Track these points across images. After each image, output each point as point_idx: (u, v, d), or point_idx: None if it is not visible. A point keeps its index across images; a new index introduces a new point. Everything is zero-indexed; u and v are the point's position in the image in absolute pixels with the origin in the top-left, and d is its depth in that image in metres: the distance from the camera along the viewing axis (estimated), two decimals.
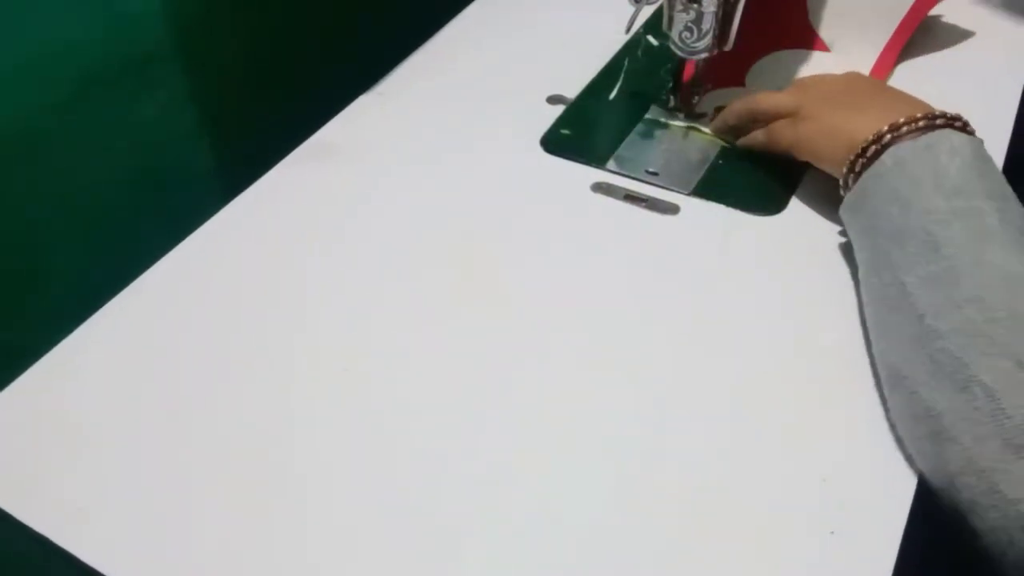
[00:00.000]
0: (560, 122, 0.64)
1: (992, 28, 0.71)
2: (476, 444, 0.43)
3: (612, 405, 0.44)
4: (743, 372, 0.45)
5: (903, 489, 0.40)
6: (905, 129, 0.46)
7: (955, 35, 0.70)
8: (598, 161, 0.60)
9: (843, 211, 0.49)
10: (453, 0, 0.77)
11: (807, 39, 0.64)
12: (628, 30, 0.58)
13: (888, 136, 0.46)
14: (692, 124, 0.63)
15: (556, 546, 0.38)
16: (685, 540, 0.39)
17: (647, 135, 0.62)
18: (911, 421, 0.40)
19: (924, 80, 0.65)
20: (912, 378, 0.40)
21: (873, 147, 0.46)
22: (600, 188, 0.58)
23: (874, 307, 0.45)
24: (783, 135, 0.54)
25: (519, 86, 0.67)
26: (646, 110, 0.64)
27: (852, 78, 0.55)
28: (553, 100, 0.66)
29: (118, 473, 0.42)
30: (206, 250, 0.54)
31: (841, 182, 0.49)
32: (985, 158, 0.44)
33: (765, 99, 0.56)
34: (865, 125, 0.47)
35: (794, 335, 0.47)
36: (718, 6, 0.55)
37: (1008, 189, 0.43)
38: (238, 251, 0.54)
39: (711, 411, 0.44)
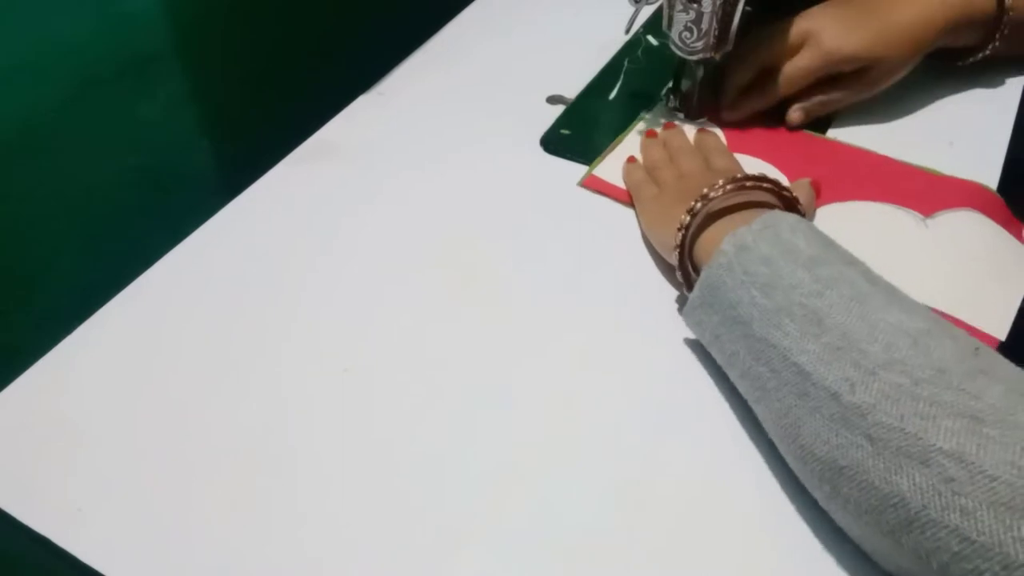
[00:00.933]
0: (560, 122, 0.64)
1: None
2: (476, 444, 0.43)
3: (612, 405, 0.44)
4: None
5: None
6: (699, 206, 0.45)
7: None
8: None
9: (690, 312, 0.45)
10: (453, 0, 0.77)
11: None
12: (628, 30, 0.58)
13: (689, 219, 0.45)
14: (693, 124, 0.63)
15: (556, 546, 0.38)
16: (685, 540, 0.38)
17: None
18: (869, 517, 0.34)
19: (924, 81, 0.65)
20: (854, 466, 0.34)
21: (679, 234, 0.46)
22: None
23: (771, 400, 0.39)
24: (640, 202, 0.55)
25: (519, 86, 0.67)
26: (646, 110, 0.64)
27: (694, 165, 0.55)
28: (553, 100, 0.66)
29: (117, 473, 0.42)
30: (206, 250, 0.54)
31: (680, 280, 0.47)
32: (821, 232, 0.42)
33: (652, 153, 0.58)
34: (679, 214, 0.46)
35: None
36: (718, 6, 0.55)
37: (853, 255, 0.41)
38: (238, 251, 0.54)
39: (711, 411, 0.44)
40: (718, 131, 0.62)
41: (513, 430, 0.43)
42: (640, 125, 0.63)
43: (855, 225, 0.52)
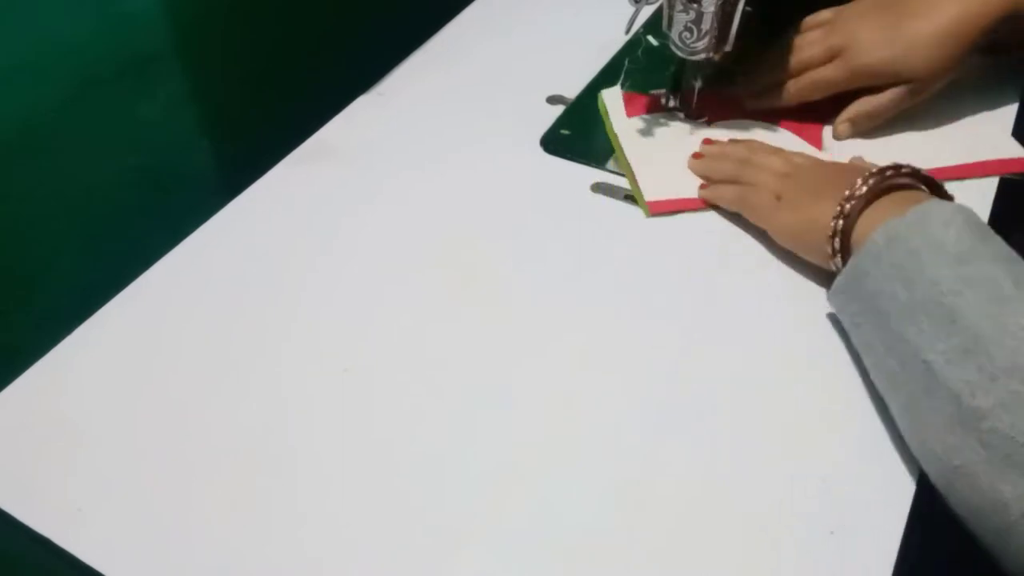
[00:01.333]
0: (560, 122, 0.64)
1: None
2: (476, 444, 0.43)
3: (612, 405, 0.44)
4: (743, 372, 0.45)
5: (903, 489, 0.40)
6: (859, 193, 0.45)
7: None
8: (598, 161, 0.60)
9: (833, 296, 0.46)
10: (453, 0, 0.77)
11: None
12: (628, 30, 0.58)
13: (847, 206, 0.45)
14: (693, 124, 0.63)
15: (556, 546, 0.38)
16: (685, 540, 0.38)
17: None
18: (977, 516, 0.36)
19: None
20: (966, 467, 0.36)
21: (838, 222, 0.45)
22: (600, 188, 0.58)
23: (899, 393, 0.41)
24: (761, 214, 0.53)
25: (519, 86, 0.67)
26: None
27: (822, 168, 0.53)
28: (553, 100, 0.66)
29: (117, 473, 0.42)
30: (206, 250, 0.54)
31: (833, 269, 0.47)
32: (979, 222, 0.42)
33: (754, 174, 0.54)
34: (827, 208, 0.46)
35: (794, 335, 0.47)
36: (718, 6, 0.55)
37: (1011, 251, 0.40)
38: (238, 251, 0.54)
39: (711, 411, 0.44)
40: (717, 131, 0.62)
41: (513, 430, 0.43)
42: (623, 134, 0.62)
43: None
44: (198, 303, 0.51)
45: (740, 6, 0.55)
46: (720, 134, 0.61)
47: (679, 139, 0.62)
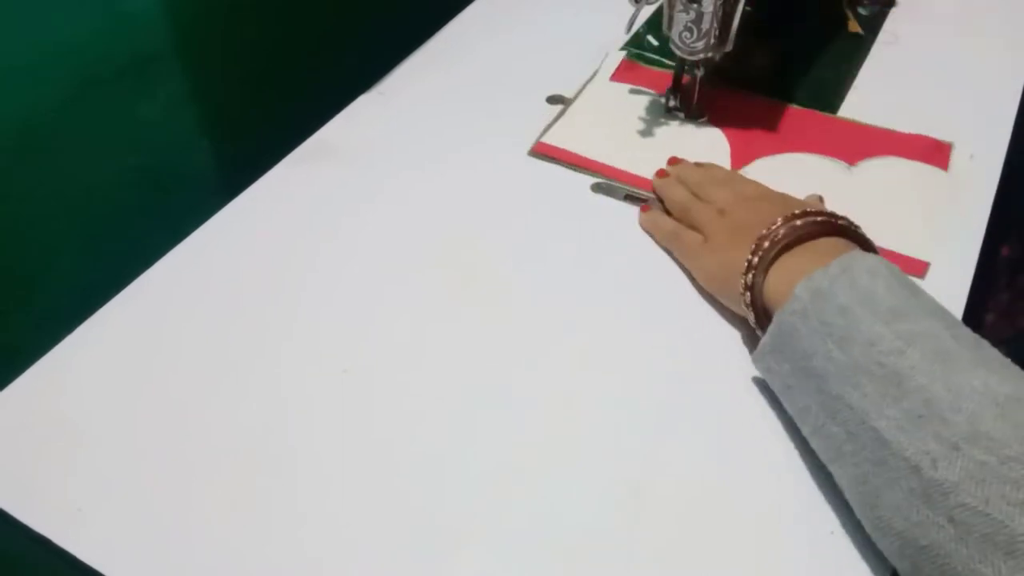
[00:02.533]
0: None
1: (992, 29, 0.71)
2: (476, 444, 0.43)
3: (612, 405, 0.44)
4: (743, 371, 0.45)
5: None
6: (767, 244, 0.43)
7: (955, 35, 0.70)
8: None
9: (758, 359, 0.43)
10: (453, 0, 0.77)
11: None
12: (628, 30, 0.58)
13: (755, 258, 0.43)
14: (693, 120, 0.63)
15: (556, 546, 0.38)
16: (685, 540, 0.38)
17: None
18: None
19: (924, 82, 0.65)
20: (935, 548, 0.32)
21: (748, 275, 0.43)
22: (600, 188, 0.58)
23: (846, 464, 0.37)
24: (689, 255, 0.51)
25: (519, 86, 0.67)
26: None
27: (766, 201, 0.49)
28: (553, 100, 0.66)
29: (117, 473, 0.42)
30: (206, 250, 0.54)
31: (753, 324, 0.44)
32: (901, 274, 0.39)
33: (695, 209, 0.51)
34: (742, 255, 0.44)
35: None
36: (718, 6, 0.55)
37: (939, 304, 0.39)
38: (238, 251, 0.54)
39: (711, 411, 0.44)
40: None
41: (513, 430, 0.43)
42: (592, 87, 0.63)
43: (786, 177, 0.54)
44: (198, 303, 0.51)
45: (740, 6, 0.55)
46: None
47: (633, 111, 0.63)
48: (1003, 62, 0.66)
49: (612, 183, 0.58)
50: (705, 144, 0.61)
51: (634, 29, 0.59)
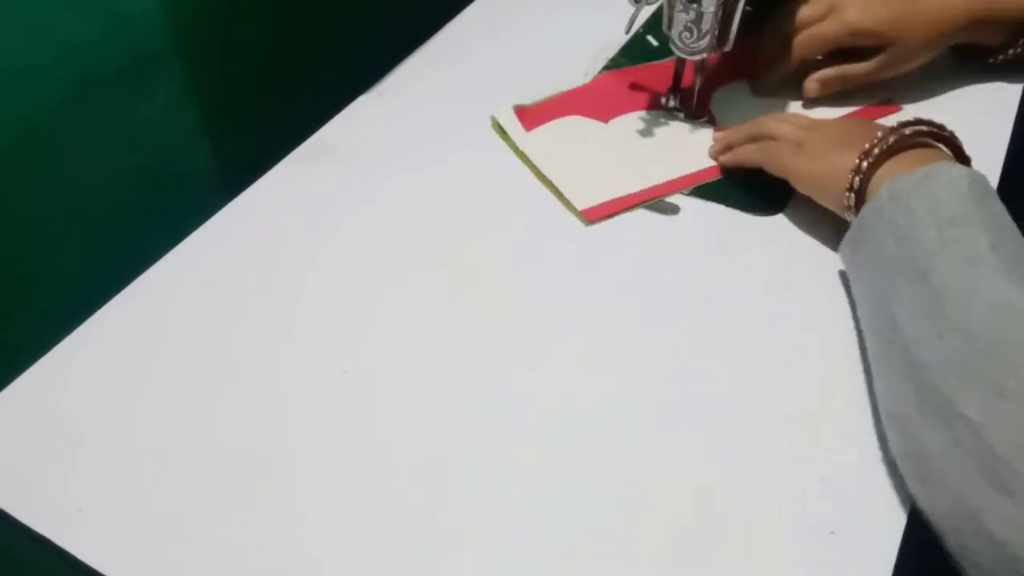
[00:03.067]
0: None
1: None
2: (476, 444, 0.43)
3: (612, 405, 0.44)
4: (743, 372, 0.45)
5: (903, 489, 0.40)
6: (877, 151, 0.46)
7: None
8: None
9: (843, 247, 0.48)
10: (453, 0, 0.77)
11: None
12: (628, 30, 0.58)
13: (863, 163, 0.46)
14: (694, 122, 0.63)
15: (556, 546, 0.38)
16: (685, 540, 0.38)
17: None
18: (906, 462, 0.38)
19: (924, 82, 0.65)
20: (903, 416, 0.38)
21: (855, 177, 0.46)
22: None
23: (870, 342, 0.43)
24: (783, 160, 0.53)
25: (519, 86, 0.67)
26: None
27: (848, 122, 0.56)
28: None
29: (117, 473, 0.42)
30: (206, 250, 0.54)
31: (846, 217, 0.49)
32: (984, 188, 0.42)
33: (775, 125, 0.56)
34: (849, 160, 0.47)
35: (794, 335, 0.47)
36: (718, 6, 0.55)
37: (1008, 220, 0.41)
38: (238, 251, 0.54)
39: (711, 411, 0.44)
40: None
41: (513, 430, 0.43)
42: (531, 142, 0.61)
43: None
44: (198, 303, 0.51)
45: (740, 6, 0.55)
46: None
47: (588, 139, 0.62)
48: (999, 68, 0.66)
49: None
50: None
51: (634, 29, 0.59)
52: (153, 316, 0.50)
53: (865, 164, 0.46)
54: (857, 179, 0.46)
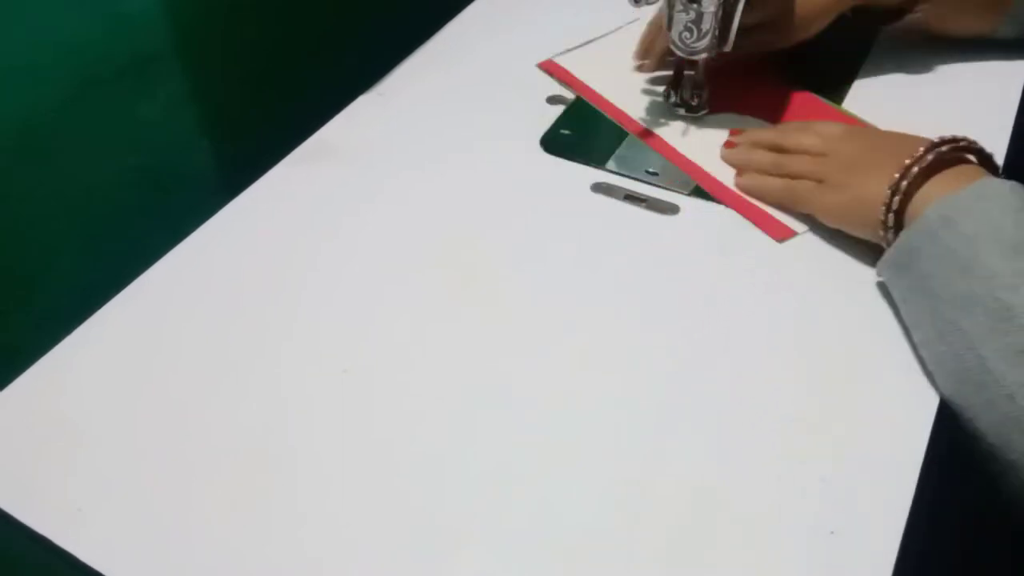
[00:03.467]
0: (560, 122, 0.64)
1: None
2: (476, 444, 0.43)
3: (611, 406, 0.44)
4: (742, 372, 0.45)
5: (903, 489, 0.40)
6: (916, 169, 0.45)
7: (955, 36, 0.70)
8: (598, 161, 0.60)
9: (884, 267, 0.47)
10: (453, 0, 0.77)
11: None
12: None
13: (903, 182, 0.45)
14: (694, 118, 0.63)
15: (556, 546, 0.38)
16: (685, 540, 0.38)
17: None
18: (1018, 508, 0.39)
19: (924, 82, 0.65)
20: (1020, 463, 0.38)
21: (894, 197, 0.45)
22: (600, 188, 0.58)
23: (951, 379, 0.42)
24: (807, 202, 0.53)
25: (519, 86, 0.67)
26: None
27: (860, 142, 0.54)
28: (553, 100, 0.66)
29: (117, 473, 0.42)
30: (206, 250, 0.54)
31: (882, 240, 0.48)
32: None
33: (792, 141, 0.55)
34: (881, 181, 0.46)
35: (794, 335, 0.47)
36: (718, 6, 0.55)
37: None
38: (238, 251, 0.54)
39: (711, 411, 0.44)
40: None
41: (513, 430, 0.43)
42: (626, 30, 0.64)
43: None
44: (198, 303, 0.51)
45: (740, 6, 0.55)
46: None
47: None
48: (1004, 61, 0.66)
49: (612, 183, 0.58)
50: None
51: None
52: (153, 316, 0.50)
53: (904, 184, 0.45)
54: (896, 199, 0.45)
